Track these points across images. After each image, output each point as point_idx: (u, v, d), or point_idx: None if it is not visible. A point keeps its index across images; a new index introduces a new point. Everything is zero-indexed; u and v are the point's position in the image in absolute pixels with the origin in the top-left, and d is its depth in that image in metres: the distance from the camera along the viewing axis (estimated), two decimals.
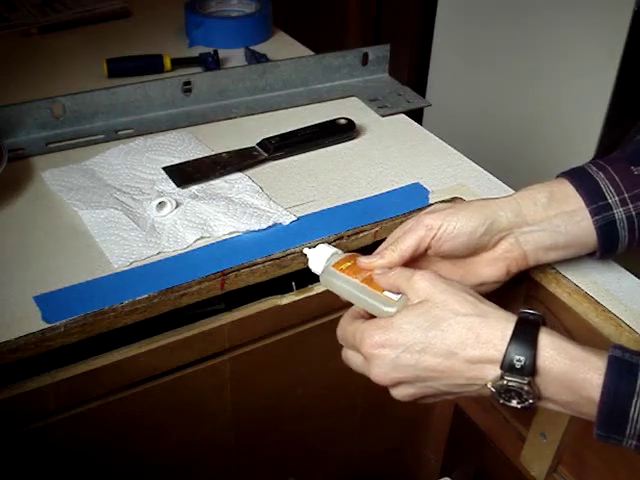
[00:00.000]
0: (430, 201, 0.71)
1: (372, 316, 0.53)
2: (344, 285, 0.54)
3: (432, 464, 0.96)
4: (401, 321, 0.48)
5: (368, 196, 0.72)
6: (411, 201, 0.71)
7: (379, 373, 0.49)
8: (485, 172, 0.77)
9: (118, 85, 0.83)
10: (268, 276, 0.64)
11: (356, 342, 0.50)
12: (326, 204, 0.71)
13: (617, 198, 0.55)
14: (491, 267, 0.56)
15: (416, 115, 0.91)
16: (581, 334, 0.61)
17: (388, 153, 0.80)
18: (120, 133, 0.82)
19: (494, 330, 0.47)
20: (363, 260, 0.55)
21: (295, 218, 0.68)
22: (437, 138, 0.84)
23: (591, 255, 0.59)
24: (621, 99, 1.60)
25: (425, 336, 0.47)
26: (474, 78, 1.94)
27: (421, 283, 0.50)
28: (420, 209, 0.70)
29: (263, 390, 0.73)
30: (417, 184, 0.74)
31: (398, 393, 0.51)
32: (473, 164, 0.79)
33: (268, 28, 1.10)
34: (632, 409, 0.43)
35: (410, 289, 0.50)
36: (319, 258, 0.57)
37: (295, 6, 1.62)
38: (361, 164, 0.78)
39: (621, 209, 0.55)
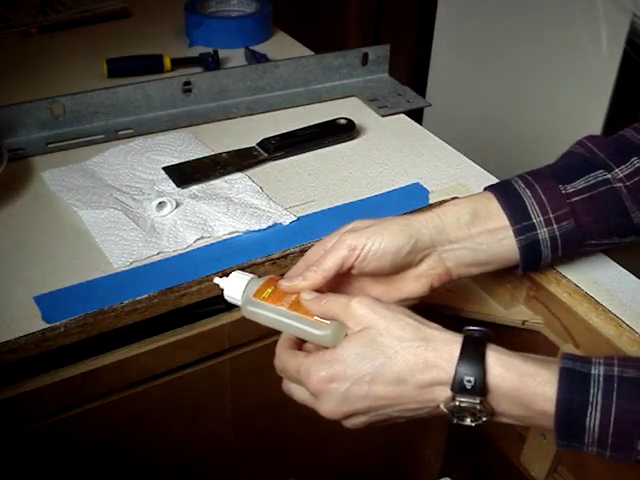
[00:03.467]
0: (430, 201, 0.71)
1: (304, 341, 0.52)
2: (271, 315, 0.51)
3: (432, 464, 0.96)
4: (346, 353, 0.47)
5: (368, 196, 0.72)
6: (411, 201, 0.71)
7: (329, 408, 0.49)
8: (485, 172, 0.77)
9: (118, 85, 0.83)
10: None
11: (302, 378, 0.49)
12: (326, 204, 0.71)
13: (542, 218, 0.55)
14: (415, 283, 0.56)
15: (416, 115, 0.91)
16: (581, 334, 0.61)
17: (388, 153, 0.80)
18: (120, 133, 0.82)
19: (441, 352, 0.46)
20: (284, 284, 0.52)
21: (295, 218, 0.68)
22: (437, 138, 0.84)
23: (514, 268, 0.59)
24: (621, 99, 1.60)
25: (372, 366, 0.47)
26: (474, 78, 1.94)
27: (360, 310, 0.48)
28: (420, 209, 0.70)
29: (263, 390, 0.73)
30: (417, 184, 0.74)
31: (349, 424, 0.51)
32: (473, 164, 0.79)
33: (268, 28, 1.10)
34: (587, 419, 0.43)
35: (349, 317, 0.49)
36: (235, 288, 0.53)
37: (295, 6, 1.61)
38: (361, 164, 0.78)
39: (545, 229, 0.55)
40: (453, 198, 0.72)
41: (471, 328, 0.48)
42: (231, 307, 0.64)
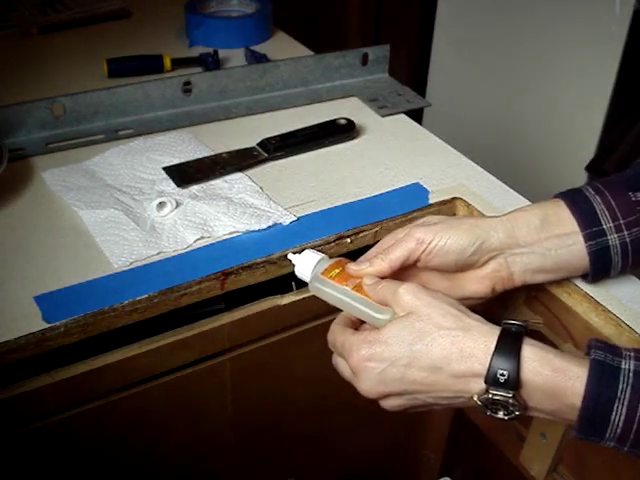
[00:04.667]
0: (430, 201, 0.71)
1: (362, 322, 0.53)
2: (335, 293, 0.54)
3: (432, 464, 0.96)
4: (386, 335, 0.49)
5: (368, 196, 0.72)
6: (411, 201, 0.71)
7: (366, 386, 0.50)
8: (485, 172, 0.77)
9: (118, 85, 0.83)
10: (268, 276, 0.64)
11: (345, 353, 0.51)
12: (326, 204, 0.71)
13: (612, 224, 0.55)
14: (477, 284, 0.56)
15: (416, 115, 0.91)
16: (581, 334, 0.61)
17: (388, 153, 0.80)
18: (120, 133, 0.82)
19: (477, 344, 0.47)
20: (352, 267, 0.55)
21: (295, 218, 0.68)
22: (437, 138, 0.84)
23: (583, 277, 0.59)
24: (621, 99, 1.60)
25: (410, 350, 0.48)
26: (474, 78, 1.94)
27: (406, 297, 0.50)
28: (420, 209, 0.70)
29: (263, 390, 0.73)
30: (417, 184, 0.74)
31: (387, 404, 0.51)
32: (473, 164, 0.79)
33: (268, 28, 1.10)
34: (614, 414, 0.44)
35: (395, 302, 0.50)
36: (306, 264, 0.56)
37: (295, 6, 1.61)
38: (361, 164, 0.78)
39: (616, 235, 0.55)
40: (453, 198, 0.72)
41: (509, 322, 0.48)
42: (231, 307, 0.64)
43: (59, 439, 0.61)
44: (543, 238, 0.55)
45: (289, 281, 0.66)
